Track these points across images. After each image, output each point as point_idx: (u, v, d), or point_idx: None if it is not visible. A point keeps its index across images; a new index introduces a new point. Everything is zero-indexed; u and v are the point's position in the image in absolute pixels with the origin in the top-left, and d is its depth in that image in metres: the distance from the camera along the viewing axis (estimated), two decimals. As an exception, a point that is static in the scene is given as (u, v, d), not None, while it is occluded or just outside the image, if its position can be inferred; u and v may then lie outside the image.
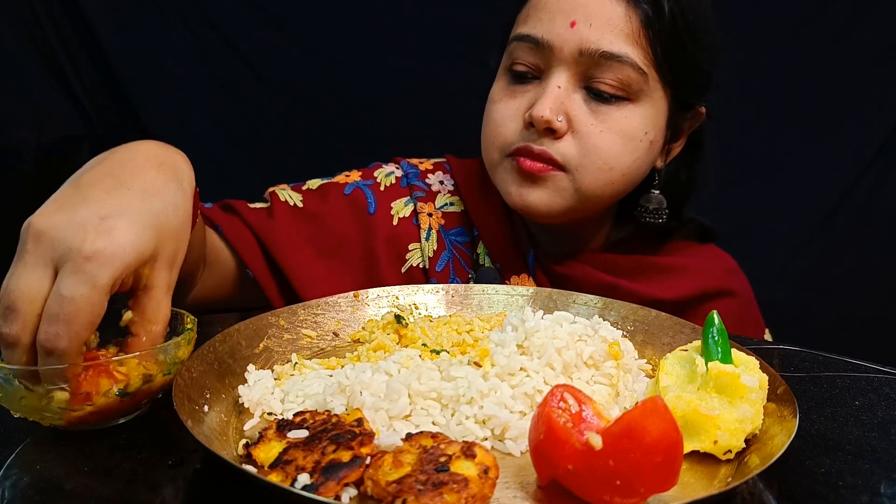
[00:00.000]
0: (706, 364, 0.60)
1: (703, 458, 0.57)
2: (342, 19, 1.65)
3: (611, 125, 0.93)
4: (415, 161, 1.17)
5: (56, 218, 0.57)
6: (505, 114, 0.97)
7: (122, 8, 1.59)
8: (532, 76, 0.96)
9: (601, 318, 0.73)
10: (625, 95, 0.93)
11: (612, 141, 0.93)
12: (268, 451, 0.52)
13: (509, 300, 0.89)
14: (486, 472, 0.49)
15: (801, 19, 1.67)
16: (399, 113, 1.68)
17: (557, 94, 0.92)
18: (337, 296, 0.84)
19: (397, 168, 1.15)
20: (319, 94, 1.68)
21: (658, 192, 1.04)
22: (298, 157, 1.68)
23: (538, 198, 0.95)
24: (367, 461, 0.50)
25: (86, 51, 1.60)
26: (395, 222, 1.08)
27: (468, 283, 1.06)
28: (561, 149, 0.93)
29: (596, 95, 0.93)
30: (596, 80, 0.92)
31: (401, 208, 1.09)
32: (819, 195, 1.74)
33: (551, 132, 0.92)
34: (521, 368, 0.63)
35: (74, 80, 1.59)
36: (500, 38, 1.06)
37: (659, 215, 1.04)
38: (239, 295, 1.04)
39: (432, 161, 1.18)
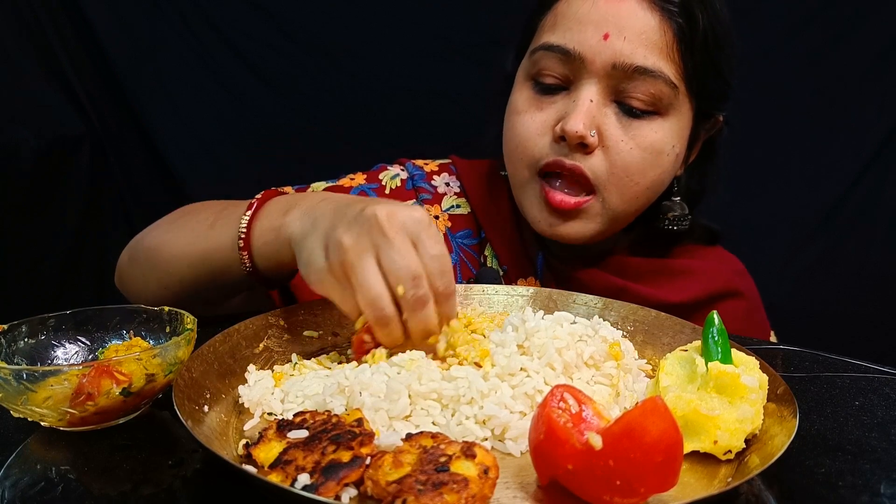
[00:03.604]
0: (706, 364, 0.60)
1: (703, 458, 0.57)
2: (342, 19, 1.66)
3: (640, 140, 0.92)
4: (420, 162, 1.16)
5: (386, 206, 0.68)
6: (532, 127, 0.95)
7: (122, 8, 1.60)
8: (559, 87, 0.94)
9: (601, 319, 0.73)
10: (655, 110, 0.92)
11: (642, 157, 0.92)
12: (268, 451, 0.52)
13: (509, 300, 0.89)
14: (486, 472, 0.48)
15: (801, 19, 1.67)
16: (399, 113, 1.68)
17: (589, 108, 0.90)
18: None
19: (402, 170, 1.14)
20: (319, 94, 1.68)
21: (679, 199, 1.04)
22: (298, 157, 1.69)
23: (570, 229, 0.95)
24: (367, 461, 0.50)
25: (86, 51, 1.60)
26: None
27: (469, 283, 1.06)
28: (591, 164, 0.92)
29: (627, 110, 0.92)
30: (627, 94, 0.91)
31: None
32: (819, 195, 1.74)
33: (583, 147, 0.91)
34: (521, 369, 0.63)
35: (74, 80, 1.59)
36: (515, 41, 1.04)
37: (682, 222, 1.04)
38: (247, 300, 1.04)
39: (437, 162, 1.17)
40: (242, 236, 0.81)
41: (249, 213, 0.82)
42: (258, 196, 0.85)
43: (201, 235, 0.88)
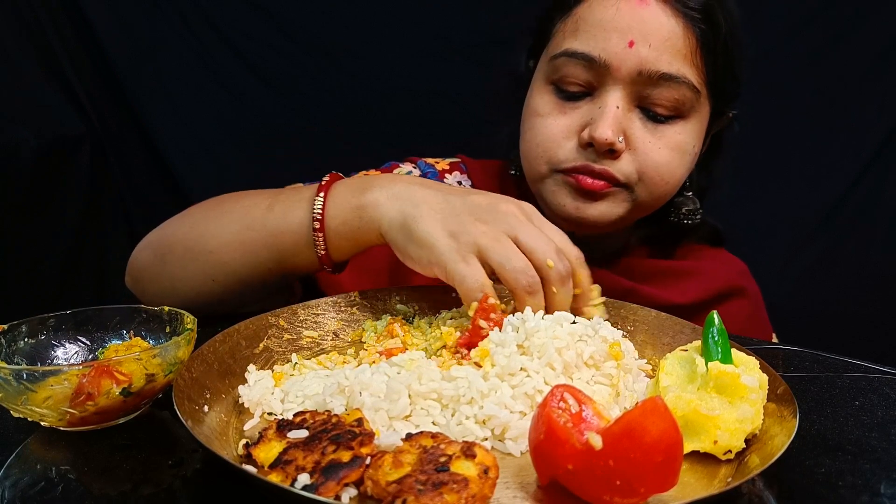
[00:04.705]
0: (706, 364, 0.60)
1: (703, 458, 0.57)
2: (342, 19, 1.66)
3: (666, 142, 0.93)
4: (431, 161, 1.16)
5: (508, 199, 0.77)
6: (556, 131, 0.95)
7: (122, 8, 1.60)
8: (582, 92, 0.94)
9: (601, 318, 0.73)
10: (678, 114, 0.93)
11: (669, 158, 0.94)
12: (268, 451, 0.52)
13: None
14: (486, 472, 0.48)
15: (801, 19, 1.67)
16: (399, 113, 1.68)
17: (616, 115, 0.90)
18: (337, 296, 0.84)
19: (414, 168, 1.14)
20: (319, 94, 1.68)
21: (691, 193, 1.06)
22: (298, 157, 1.69)
23: (596, 211, 0.95)
24: (367, 461, 0.50)
25: (86, 51, 1.60)
26: None
27: None
28: (621, 168, 0.93)
29: (651, 116, 0.93)
30: (651, 99, 0.92)
31: None
32: (819, 195, 1.75)
33: (611, 152, 0.92)
34: (521, 368, 0.63)
35: (74, 80, 1.59)
36: (522, 40, 1.04)
37: (694, 216, 1.06)
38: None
39: (448, 161, 1.17)
40: (318, 217, 0.81)
41: (323, 194, 0.82)
42: (326, 178, 0.85)
43: (259, 220, 0.86)
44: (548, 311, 0.71)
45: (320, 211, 0.81)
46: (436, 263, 0.73)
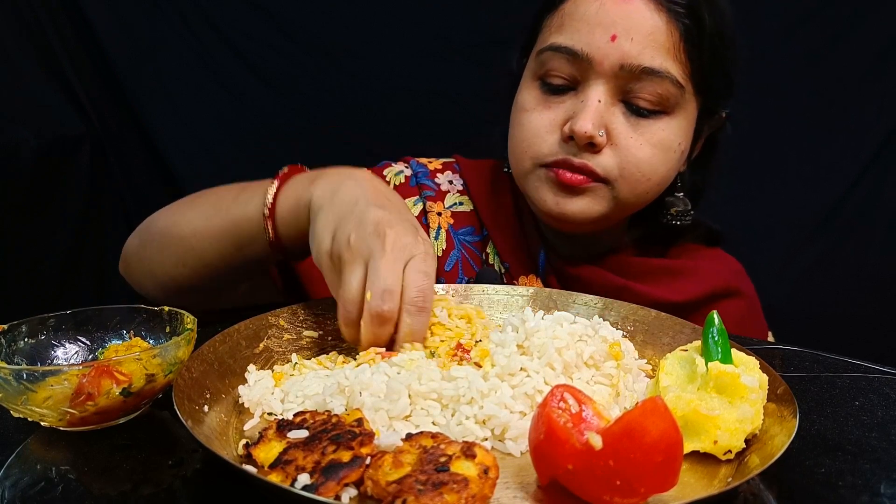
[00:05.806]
0: (706, 364, 0.60)
1: (703, 458, 0.57)
2: (342, 19, 1.66)
3: (648, 138, 0.93)
4: (424, 160, 1.17)
5: (400, 225, 0.72)
6: (540, 125, 0.96)
7: (122, 8, 1.60)
8: (566, 87, 0.95)
9: (601, 319, 0.73)
10: (662, 109, 0.93)
11: (651, 154, 0.93)
12: (268, 451, 0.52)
13: (509, 300, 0.89)
14: (486, 472, 0.49)
15: (798, 18, 1.67)
16: (399, 113, 1.68)
17: (597, 108, 0.91)
18: (337, 296, 0.84)
19: (406, 167, 1.15)
20: (319, 94, 1.68)
21: (682, 194, 1.05)
22: (298, 157, 1.68)
23: (576, 207, 0.95)
24: (367, 461, 0.50)
25: (86, 51, 1.60)
26: None
27: (469, 283, 1.06)
28: (601, 162, 0.93)
29: (634, 110, 0.93)
30: (634, 94, 0.92)
31: (409, 207, 1.09)
32: (819, 196, 1.74)
33: (592, 146, 0.92)
34: (521, 368, 0.63)
35: (74, 80, 1.59)
36: (516, 40, 1.04)
37: (685, 217, 1.06)
38: (250, 292, 1.05)
39: (441, 161, 1.18)
40: (269, 205, 0.84)
41: (277, 182, 0.85)
42: (284, 169, 0.88)
43: (223, 209, 0.90)
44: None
45: (272, 199, 0.84)
46: (314, 258, 0.76)
